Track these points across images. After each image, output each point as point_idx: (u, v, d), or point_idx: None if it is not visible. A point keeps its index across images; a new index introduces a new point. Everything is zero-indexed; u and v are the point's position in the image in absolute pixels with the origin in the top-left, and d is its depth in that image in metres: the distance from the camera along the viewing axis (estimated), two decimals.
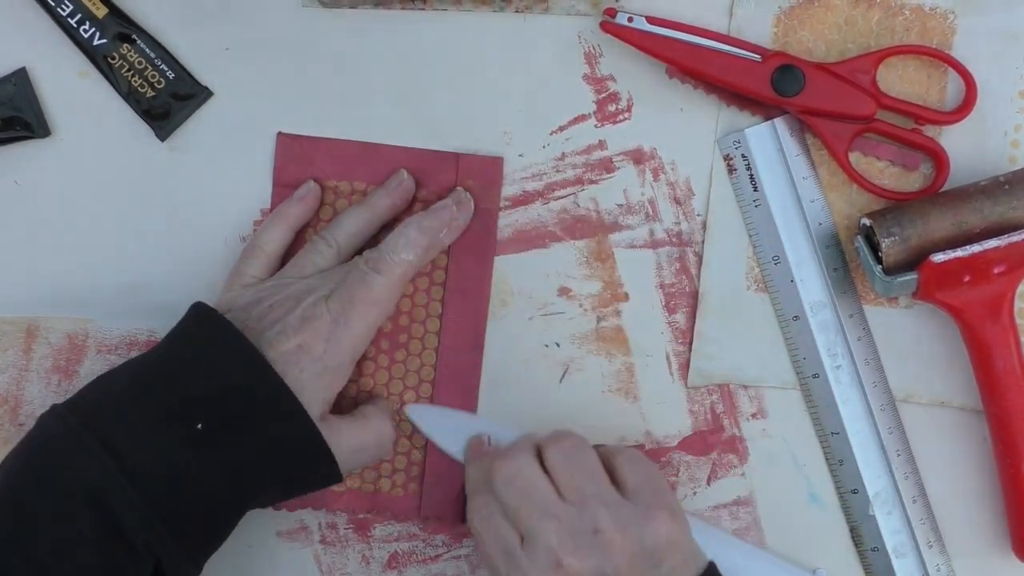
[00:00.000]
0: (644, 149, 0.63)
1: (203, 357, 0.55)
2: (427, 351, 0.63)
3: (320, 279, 0.59)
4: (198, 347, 0.56)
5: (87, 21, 0.62)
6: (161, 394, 0.54)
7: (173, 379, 0.54)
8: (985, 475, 0.63)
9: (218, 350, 0.55)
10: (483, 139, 0.63)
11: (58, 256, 0.64)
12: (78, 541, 0.51)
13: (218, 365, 0.55)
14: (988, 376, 0.60)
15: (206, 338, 0.56)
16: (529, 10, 0.63)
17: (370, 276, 0.58)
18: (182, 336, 0.57)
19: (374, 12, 0.63)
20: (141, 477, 0.52)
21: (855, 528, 0.63)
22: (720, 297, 0.63)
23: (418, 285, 0.63)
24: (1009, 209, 0.59)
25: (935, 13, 0.62)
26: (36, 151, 0.63)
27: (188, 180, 0.64)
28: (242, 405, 0.54)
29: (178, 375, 0.55)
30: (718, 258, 0.63)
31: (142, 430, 0.53)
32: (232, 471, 0.54)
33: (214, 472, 0.53)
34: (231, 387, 0.54)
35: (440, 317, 0.63)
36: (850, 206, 0.63)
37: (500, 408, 0.63)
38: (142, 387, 0.54)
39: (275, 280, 0.60)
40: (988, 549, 0.63)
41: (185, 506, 0.53)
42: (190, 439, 0.53)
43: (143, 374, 0.55)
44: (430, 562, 0.64)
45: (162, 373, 0.55)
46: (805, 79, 0.60)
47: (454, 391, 0.63)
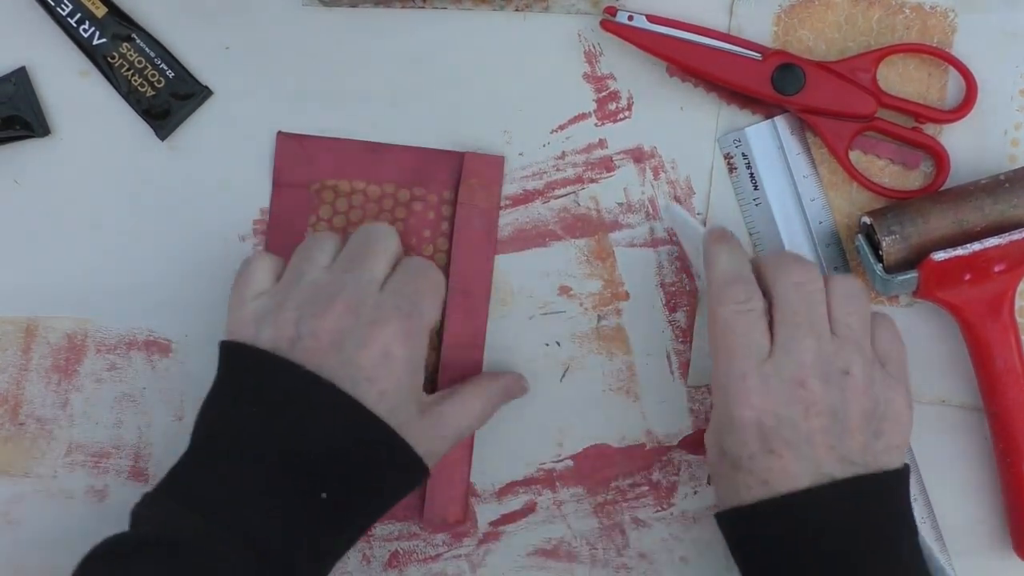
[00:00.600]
0: (644, 148, 0.63)
1: (303, 420, 0.52)
2: (429, 350, 0.62)
3: (352, 270, 0.55)
4: (289, 408, 0.52)
5: (87, 20, 0.62)
6: (270, 464, 0.51)
7: (274, 446, 0.52)
8: (985, 474, 0.63)
9: (318, 410, 0.52)
10: (483, 138, 0.63)
11: (58, 256, 0.64)
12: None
13: (325, 427, 0.52)
14: (989, 375, 0.60)
15: (292, 396, 0.52)
16: (529, 9, 0.63)
17: (433, 273, 0.57)
18: (255, 395, 0.53)
19: (374, 11, 0.63)
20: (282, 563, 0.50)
21: None
22: None
23: None
24: (1009, 207, 0.59)
25: (935, 11, 0.62)
26: (36, 150, 0.63)
27: (188, 180, 0.64)
28: (358, 463, 0.52)
29: (280, 442, 0.52)
30: None
31: (247, 506, 0.51)
32: (349, 523, 0.54)
33: (344, 531, 0.54)
34: (348, 449, 0.52)
35: (442, 316, 0.62)
36: (850, 205, 0.63)
37: (501, 406, 0.63)
38: (243, 462, 0.52)
39: (296, 288, 0.55)
40: (988, 548, 0.63)
41: (320, 569, 0.53)
42: (310, 507, 0.51)
43: (234, 445, 0.52)
44: (430, 561, 0.64)
45: (259, 443, 0.52)
46: (805, 78, 0.60)
47: None
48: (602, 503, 0.63)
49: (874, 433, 0.53)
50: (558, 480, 0.63)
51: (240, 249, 0.63)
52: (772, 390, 0.52)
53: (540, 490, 0.63)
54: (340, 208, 0.63)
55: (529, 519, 0.63)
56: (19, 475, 0.64)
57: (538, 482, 0.63)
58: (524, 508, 0.63)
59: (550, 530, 0.64)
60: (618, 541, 0.64)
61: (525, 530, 0.63)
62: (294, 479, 0.51)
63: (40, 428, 0.63)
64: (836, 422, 0.52)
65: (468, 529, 0.63)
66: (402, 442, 0.53)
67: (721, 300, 0.54)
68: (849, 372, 0.53)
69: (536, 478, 0.63)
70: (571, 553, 0.64)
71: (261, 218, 0.63)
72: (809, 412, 0.52)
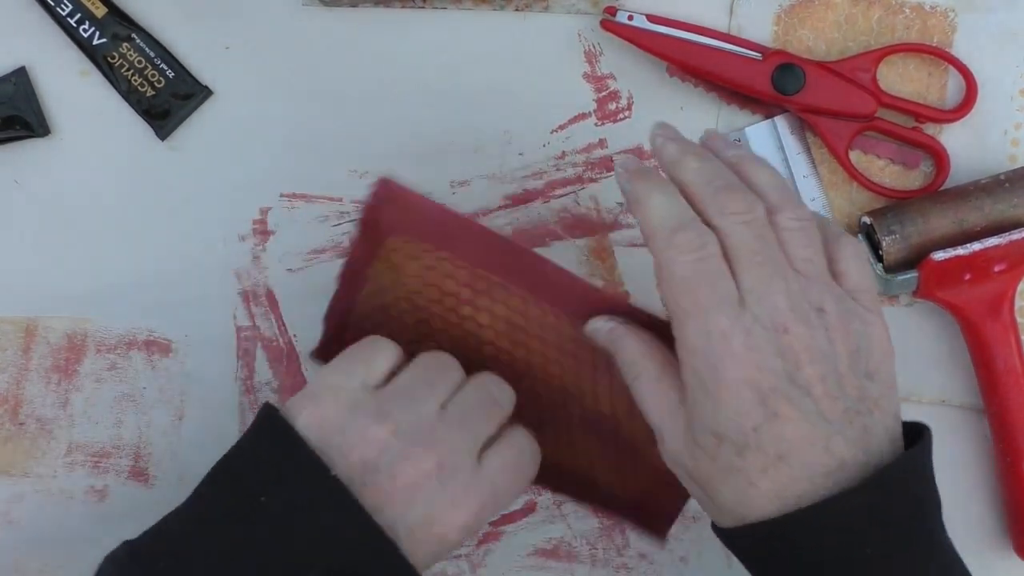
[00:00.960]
0: (645, 147, 0.63)
1: (321, 536, 0.46)
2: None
3: (462, 421, 0.49)
4: (316, 520, 0.46)
5: (87, 20, 0.62)
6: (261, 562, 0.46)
7: (280, 554, 0.46)
8: (986, 474, 0.63)
9: (341, 533, 0.46)
10: (483, 138, 0.63)
11: (58, 256, 0.64)
12: None
13: (342, 551, 0.46)
14: (989, 374, 0.60)
15: (326, 508, 0.46)
16: (529, 8, 0.63)
17: (532, 466, 0.51)
18: (287, 491, 0.46)
19: (374, 11, 0.63)
20: None
21: None
22: None
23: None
24: (1009, 207, 0.59)
25: (935, 11, 0.62)
26: (36, 150, 0.63)
27: (188, 179, 0.63)
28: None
29: (286, 550, 0.46)
30: None
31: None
32: None
33: None
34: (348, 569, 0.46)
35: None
36: (850, 204, 0.63)
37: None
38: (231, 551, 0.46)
39: (408, 407, 0.48)
40: (988, 548, 0.63)
41: None
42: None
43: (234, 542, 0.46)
44: None
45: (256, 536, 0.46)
46: (805, 77, 0.60)
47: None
48: None
49: (866, 374, 0.47)
50: None
51: (240, 249, 0.63)
52: (758, 343, 0.45)
53: (540, 490, 0.63)
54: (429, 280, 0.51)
55: (529, 519, 0.63)
56: (19, 475, 0.64)
57: None
58: (524, 508, 0.63)
59: (550, 530, 0.63)
60: (618, 541, 0.63)
61: (525, 530, 0.63)
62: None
63: (40, 428, 0.63)
64: (830, 368, 0.46)
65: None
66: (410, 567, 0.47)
67: (673, 252, 0.46)
68: (823, 309, 0.46)
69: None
70: (571, 553, 0.63)
71: (261, 217, 0.63)
72: (800, 360, 0.45)
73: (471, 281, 0.51)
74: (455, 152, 0.63)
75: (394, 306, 0.53)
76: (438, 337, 0.54)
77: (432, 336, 0.54)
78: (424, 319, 0.53)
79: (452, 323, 0.53)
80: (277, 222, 0.63)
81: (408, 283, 0.52)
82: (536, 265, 0.50)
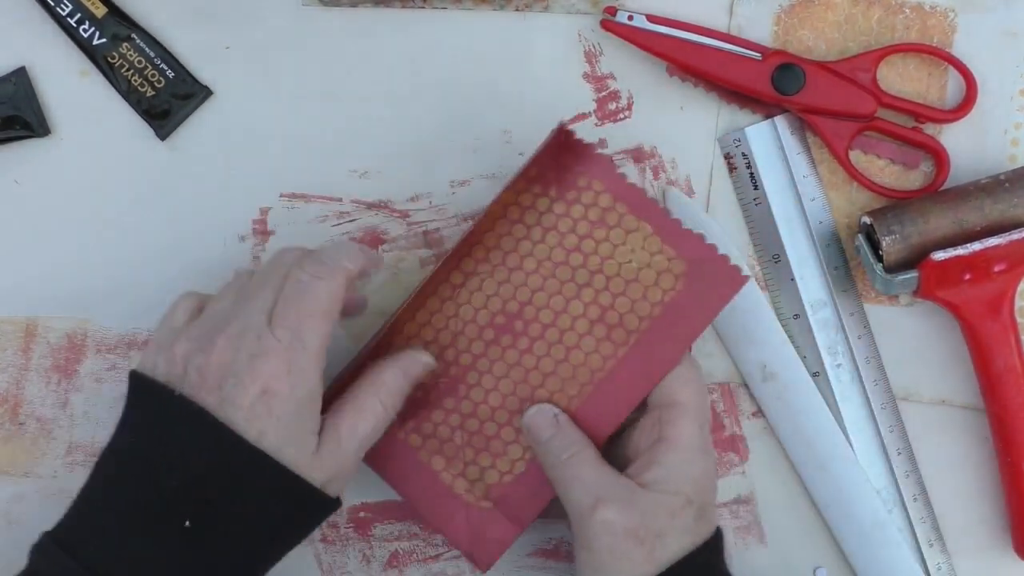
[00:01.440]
0: (644, 147, 0.63)
1: (168, 447, 0.51)
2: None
3: (245, 302, 0.53)
4: (160, 436, 0.51)
5: (87, 20, 0.62)
6: (140, 498, 0.51)
7: (147, 479, 0.51)
8: (986, 473, 0.63)
9: (183, 435, 0.51)
10: (483, 138, 0.63)
11: (58, 256, 0.64)
12: None
13: (188, 453, 0.50)
14: (989, 374, 0.60)
15: (164, 423, 0.51)
16: (529, 8, 0.63)
17: (318, 286, 0.53)
18: (139, 424, 0.53)
19: (374, 11, 0.63)
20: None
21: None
22: None
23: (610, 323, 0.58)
24: (1009, 207, 0.59)
25: (935, 11, 0.62)
26: (36, 150, 0.63)
27: (188, 180, 0.63)
28: (225, 488, 0.51)
29: (150, 473, 0.51)
30: None
31: (131, 547, 0.50)
32: (232, 556, 0.52)
33: (214, 563, 0.51)
34: (207, 474, 0.50)
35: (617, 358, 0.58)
36: (850, 204, 0.63)
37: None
38: (119, 497, 0.51)
39: (199, 321, 0.54)
40: (989, 548, 0.63)
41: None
42: (181, 540, 0.50)
43: (115, 478, 0.52)
44: (430, 561, 0.64)
45: (133, 474, 0.51)
46: (805, 77, 0.60)
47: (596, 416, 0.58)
48: None
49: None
50: None
51: (240, 249, 0.63)
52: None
53: None
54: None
55: None
56: (19, 475, 0.63)
57: None
58: None
59: (550, 530, 0.63)
60: None
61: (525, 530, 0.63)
62: (159, 509, 0.50)
63: (40, 428, 0.63)
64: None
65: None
66: (280, 467, 0.51)
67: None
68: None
69: None
70: (571, 553, 0.63)
71: (261, 217, 0.63)
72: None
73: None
74: (455, 152, 0.63)
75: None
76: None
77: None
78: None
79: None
80: (277, 222, 0.63)
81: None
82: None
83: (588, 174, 0.58)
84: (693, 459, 0.55)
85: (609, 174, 0.58)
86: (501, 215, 0.59)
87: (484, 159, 0.63)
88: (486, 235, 0.59)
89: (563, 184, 0.59)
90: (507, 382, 0.59)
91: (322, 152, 0.63)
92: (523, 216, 0.59)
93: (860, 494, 0.62)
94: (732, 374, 0.63)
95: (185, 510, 0.50)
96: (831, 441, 0.62)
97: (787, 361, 0.62)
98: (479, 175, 0.63)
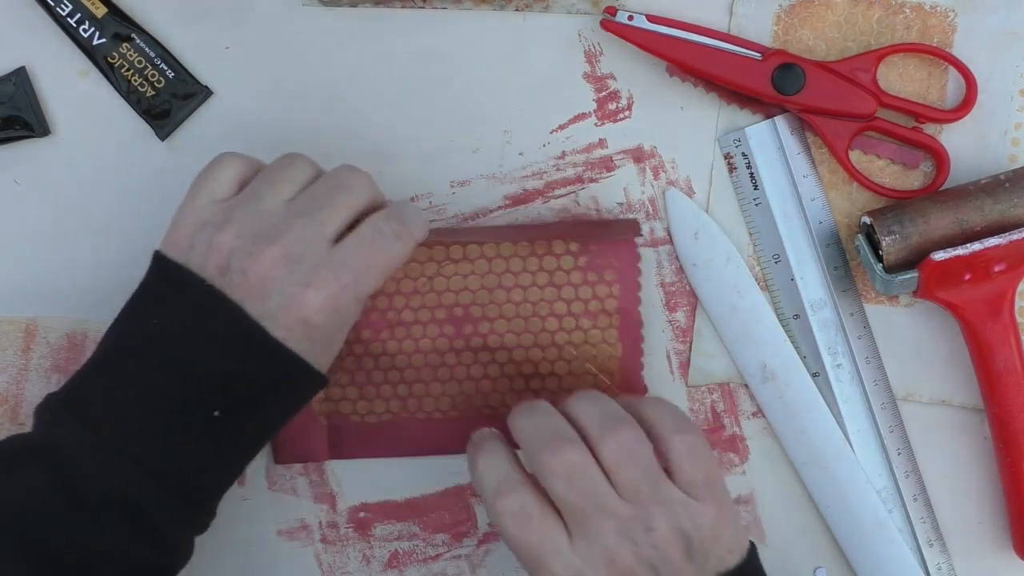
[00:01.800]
0: (644, 147, 0.63)
1: (205, 341, 0.51)
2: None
3: (307, 214, 0.52)
4: (195, 327, 0.51)
5: (86, 20, 0.62)
6: (169, 388, 0.51)
7: (178, 368, 0.51)
8: (986, 474, 0.63)
9: (219, 332, 0.51)
10: (483, 138, 0.63)
11: (57, 256, 0.64)
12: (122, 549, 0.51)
13: (228, 351, 0.51)
14: (989, 374, 0.60)
15: (200, 317, 0.51)
16: (529, 8, 0.63)
17: (395, 245, 0.54)
18: (170, 310, 0.52)
19: (374, 11, 0.63)
20: (169, 480, 0.51)
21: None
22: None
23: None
24: (1010, 207, 0.59)
25: (935, 11, 0.62)
26: (36, 150, 0.63)
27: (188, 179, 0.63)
28: (256, 387, 0.52)
29: (182, 362, 0.51)
30: None
31: (159, 431, 0.51)
32: (253, 441, 0.54)
33: (238, 450, 0.54)
34: (242, 373, 0.51)
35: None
36: (850, 204, 0.63)
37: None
38: (145, 383, 0.51)
39: (248, 208, 0.53)
40: (989, 548, 0.63)
41: (213, 488, 0.54)
42: (208, 430, 0.51)
43: (139, 366, 0.52)
44: (430, 561, 0.64)
45: (163, 362, 0.51)
46: (805, 77, 0.60)
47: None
48: None
49: (703, 557, 0.51)
50: None
51: None
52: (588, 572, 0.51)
53: None
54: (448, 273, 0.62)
55: None
56: None
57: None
58: None
59: None
60: None
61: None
62: (182, 394, 0.51)
63: None
64: (665, 568, 0.51)
65: (468, 529, 0.63)
66: (304, 364, 0.52)
67: (499, 517, 0.52)
68: (651, 528, 0.51)
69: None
70: None
71: None
72: (637, 573, 0.51)
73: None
74: (455, 152, 0.63)
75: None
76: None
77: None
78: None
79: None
80: None
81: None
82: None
83: (618, 276, 0.61)
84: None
85: (630, 288, 0.61)
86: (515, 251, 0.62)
87: (484, 159, 0.63)
88: (488, 246, 0.62)
89: (596, 265, 0.61)
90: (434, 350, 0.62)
91: (322, 152, 0.63)
92: (534, 248, 0.62)
93: (860, 494, 0.62)
94: (732, 374, 0.63)
95: (216, 402, 0.51)
96: (831, 441, 0.62)
97: (787, 361, 0.62)
98: (479, 175, 0.63)
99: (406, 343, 0.62)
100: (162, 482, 0.51)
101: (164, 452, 0.51)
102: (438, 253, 0.61)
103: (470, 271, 0.61)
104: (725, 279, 0.62)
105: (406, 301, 0.61)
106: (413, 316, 0.62)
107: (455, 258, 0.61)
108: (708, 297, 0.62)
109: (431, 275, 0.61)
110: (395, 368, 0.62)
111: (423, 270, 0.61)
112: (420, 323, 0.62)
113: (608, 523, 0.51)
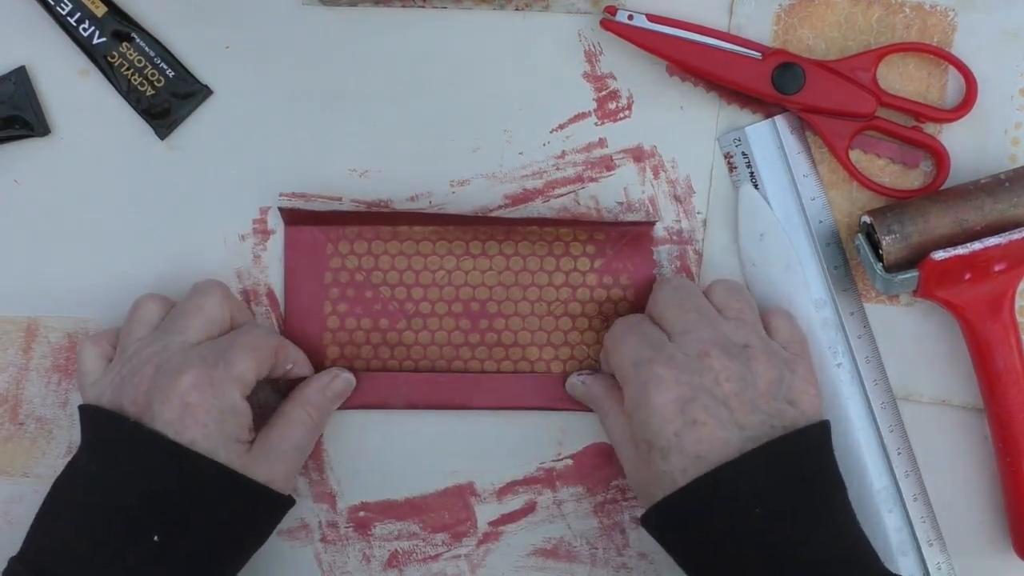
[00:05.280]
0: (644, 147, 0.63)
1: (125, 467, 0.53)
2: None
3: (174, 330, 0.57)
4: (117, 457, 0.54)
5: (86, 20, 0.62)
6: (109, 522, 0.53)
7: (111, 501, 0.53)
8: (986, 473, 0.63)
9: (136, 454, 0.53)
10: (483, 137, 0.63)
11: (58, 255, 0.64)
12: None
13: (145, 471, 0.53)
14: (989, 374, 0.60)
15: (120, 446, 0.54)
16: (529, 8, 0.63)
17: (256, 330, 0.58)
18: (93, 450, 0.55)
19: (374, 10, 0.63)
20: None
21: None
22: None
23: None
24: (1010, 207, 0.59)
25: (935, 11, 0.62)
26: (36, 150, 0.63)
27: (188, 179, 0.64)
28: (181, 498, 0.53)
29: (111, 494, 0.53)
30: (719, 256, 0.63)
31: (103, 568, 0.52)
32: (200, 563, 0.54)
33: (185, 573, 0.54)
34: (162, 489, 0.53)
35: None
36: (851, 204, 0.63)
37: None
38: (85, 521, 0.53)
39: (119, 360, 0.58)
40: (988, 547, 0.63)
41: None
42: (152, 555, 0.52)
43: (83, 505, 0.54)
44: (430, 561, 0.64)
45: (97, 500, 0.53)
46: (805, 77, 0.60)
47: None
48: (602, 502, 0.63)
49: (786, 400, 0.54)
50: (558, 479, 0.63)
51: (240, 249, 0.63)
52: (679, 364, 0.54)
53: (540, 489, 0.63)
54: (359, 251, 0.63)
55: (529, 519, 0.63)
56: (19, 475, 0.63)
57: (538, 481, 0.63)
58: (524, 508, 0.63)
59: (550, 530, 0.63)
60: (618, 540, 0.63)
61: (525, 530, 0.63)
62: (123, 525, 0.52)
63: (40, 428, 0.63)
64: (747, 386, 0.54)
65: (468, 529, 0.63)
66: (226, 468, 0.54)
67: (614, 331, 0.58)
68: (748, 345, 0.55)
69: (536, 477, 0.63)
70: (571, 553, 0.63)
71: (260, 217, 0.63)
72: (719, 377, 0.54)
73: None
74: (455, 152, 0.63)
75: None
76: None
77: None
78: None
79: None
80: (277, 222, 0.63)
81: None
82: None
83: (632, 281, 0.63)
84: (633, 417, 0.55)
85: (643, 292, 0.62)
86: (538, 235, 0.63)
87: (484, 159, 0.63)
88: (507, 244, 0.63)
89: (611, 269, 0.63)
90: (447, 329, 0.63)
91: (322, 151, 0.63)
92: (552, 249, 0.63)
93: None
94: None
95: (150, 525, 0.52)
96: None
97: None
98: (479, 175, 0.63)
99: (422, 335, 0.62)
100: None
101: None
102: (457, 247, 0.62)
103: (488, 267, 0.62)
104: (780, 285, 0.62)
105: (424, 293, 0.62)
106: (430, 308, 0.62)
107: (474, 253, 0.62)
108: (758, 299, 0.62)
109: (450, 268, 0.62)
110: (410, 359, 0.62)
111: (442, 263, 0.62)
112: (437, 315, 0.62)
113: (706, 327, 0.55)
